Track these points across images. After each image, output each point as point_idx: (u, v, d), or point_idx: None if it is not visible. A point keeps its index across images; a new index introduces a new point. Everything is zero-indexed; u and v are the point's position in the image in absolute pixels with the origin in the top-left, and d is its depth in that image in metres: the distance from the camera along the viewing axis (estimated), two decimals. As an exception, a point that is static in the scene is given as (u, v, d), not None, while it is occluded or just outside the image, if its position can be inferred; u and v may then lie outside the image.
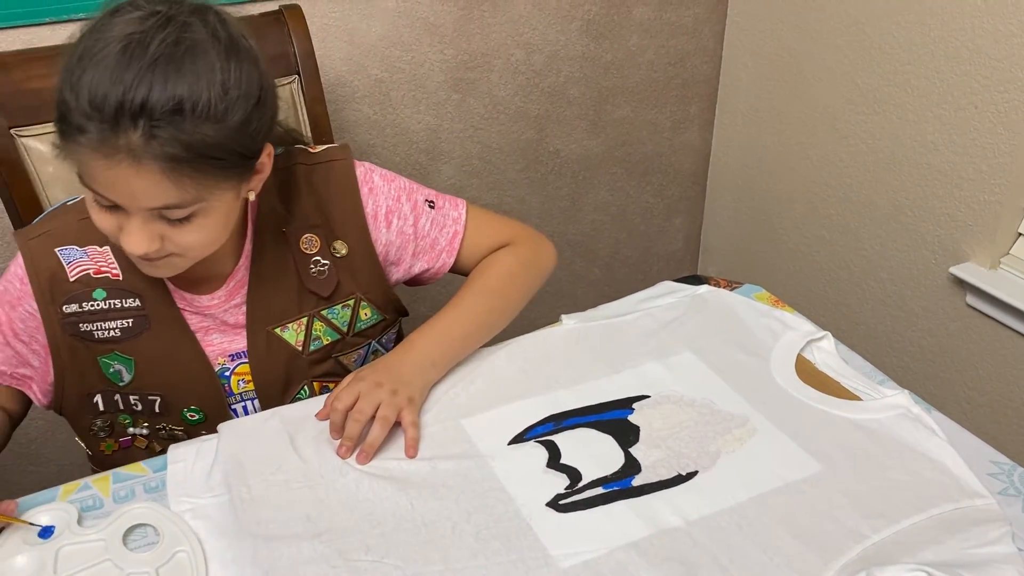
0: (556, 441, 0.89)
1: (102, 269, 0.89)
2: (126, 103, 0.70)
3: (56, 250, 0.88)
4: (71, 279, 0.88)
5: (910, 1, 1.45)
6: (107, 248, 0.89)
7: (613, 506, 0.81)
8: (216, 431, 0.90)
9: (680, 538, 0.77)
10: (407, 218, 1.00)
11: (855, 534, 0.77)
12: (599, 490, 0.82)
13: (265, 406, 0.96)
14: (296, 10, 1.25)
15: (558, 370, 0.99)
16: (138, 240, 0.77)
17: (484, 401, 0.94)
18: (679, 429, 0.90)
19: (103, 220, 0.79)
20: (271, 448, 0.87)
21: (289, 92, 1.24)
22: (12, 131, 1.07)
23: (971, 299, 1.49)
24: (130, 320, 0.89)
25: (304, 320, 0.96)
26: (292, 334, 0.96)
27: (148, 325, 0.90)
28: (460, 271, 1.06)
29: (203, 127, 0.73)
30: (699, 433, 0.90)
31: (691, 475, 0.84)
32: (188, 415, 0.95)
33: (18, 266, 0.89)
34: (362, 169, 0.98)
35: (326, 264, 0.96)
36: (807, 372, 0.99)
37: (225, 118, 0.74)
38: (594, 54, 1.75)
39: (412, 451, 0.86)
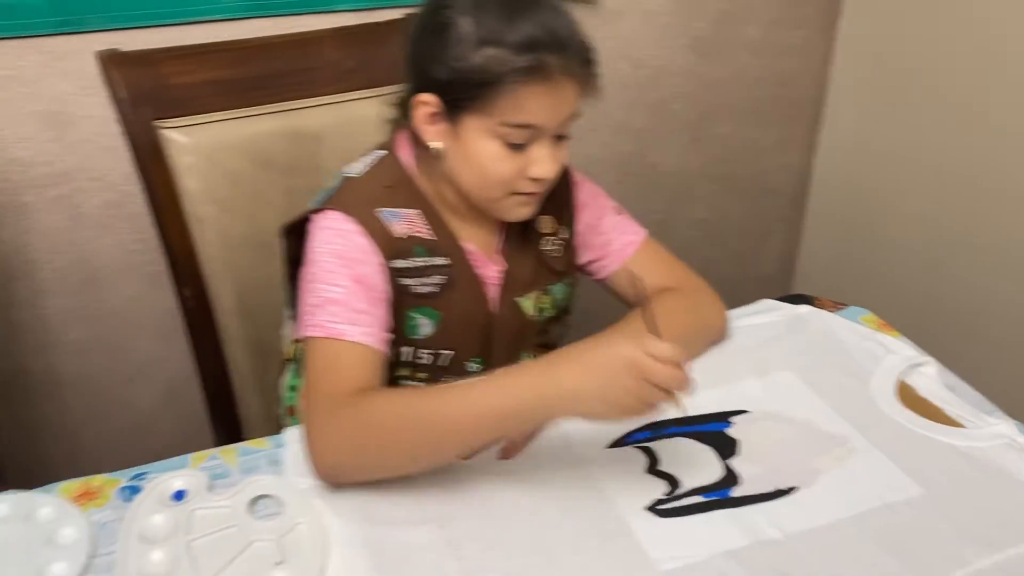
0: (654, 448, 0.91)
1: (420, 229, 0.96)
2: (560, 33, 0.85)
3: (375, 211, 0.94)
4: (395, 236, 0.94)
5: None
6: (418, 211, 0.96)
7: (712, 514, 0.83)
8: None
9: (779, 550, 0.79)
10: (597, 211, 1.07)
11: (958, 558, 0.77)
12: (698, 498, 0.84)
13: (490, 368, 0.98)
14: (419, 19, 1.31)
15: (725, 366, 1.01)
16: (551, 162, 0.91)
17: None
18: (778, 445, 0.92)
19: (506, 166, 0.90)
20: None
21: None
22: (155, 122, 1.15)
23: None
24: (442, 277, 0.96)
25: (538, 293, 1.03)
26: (529, 304, 1.03)
27: (455, 283, 0.97)
28: (613, 290, 1.09)
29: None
30: (799, 450, 0.91)
31: (790, 490, 0.85)
32: (470, 367, 1.01)
33: (348, 230, 0.92)
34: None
35: (559, 243, 1.04)
36: (909, 397, 0.99)
37: None
38: (700, 71, 1.76)
39: None
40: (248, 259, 1.23)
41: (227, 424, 1.28)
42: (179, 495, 0.83)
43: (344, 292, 0.89)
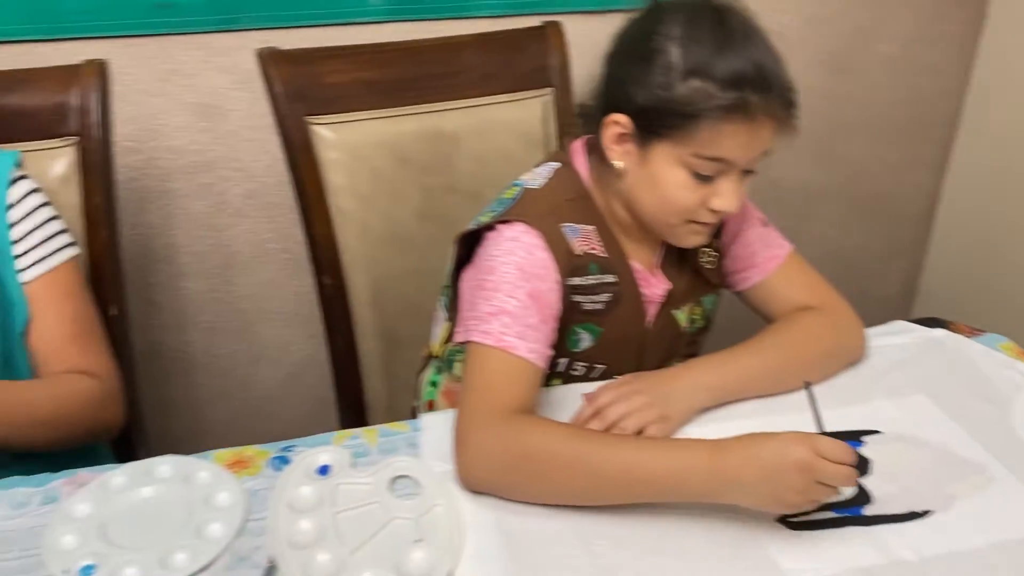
0: (784, 461, 0.91)
1: (594, 246, 0.98)
2: (767, 72, 0.86)
3: (560, 226, 0.96)
4: (576, 253, 0.96)
5: None
6: (593, 228, 0.98)
7: (844, 531, 0.82)
8: None
9: (913, 572, 0.77)
10: (745, 222, 1.07)
11: (1108, 598, 0.75)
12: (830, 513, 0.84)
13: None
14: (556, 26, 1.34)
15: (786, 396, 0.99)
16: (735, 197, 0.91)
17: (715, 415, 0.97)
18: (912, 468, 0.90)
19: (690, 195, 0.91)
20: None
21: (542, 104, 1.33)
22: (306, 118, 1.21)
23: None
24: (609, 295, 0.99)
25: (691, 304, 1.05)
26: (683, 316, 1.05)
27: (619, 300, 0.99)
28: (753, 303, 1.09)
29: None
30: (934, 474, 0.89)
31: (925, 513, 0.84)
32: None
33: (531, 243, 0.93)
34: None
35: (714, 255, 1.06)
36: (1053, 430, 0.95)
37: None
38: (831, 87, 1.74)
39: None
40: (384, 252, 1.28)
41: (353, 408, 1.33)
42: (324, 469, 0.88)
43: (519, 306, 0.90)
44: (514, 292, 0.91)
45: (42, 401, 0.97)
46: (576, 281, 0.96)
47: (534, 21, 1.42)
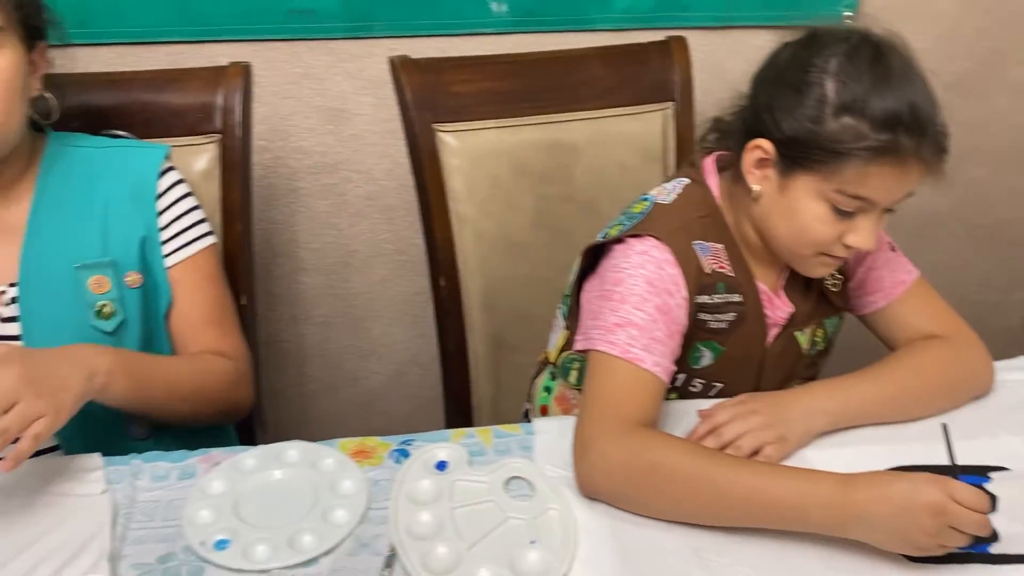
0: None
1: (723, 265, 0.99)
2: (923, 115, 0.85)
3: (692, 243, 0.97)
4: (706, 271, 0.97)
5: None
6: (722, 246, 0.99)
7: (968, 567, 0.80)
8: None
9: (1041, 615, 0.75)
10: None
11: None
12: (955, 549, 0.82)
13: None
14: (681, 41, 1.35)
15: (910, 424, 0.98)
16: (872, 236, 0.91)
17: (832, 439, 0.96)
18: (1042, 507, 0.87)
19: (827, 229, 0.90)
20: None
21: (662, 118, 1.33)
22: (434, 126, 1.25)
23: None
24: (734, 314, 0.99)
25: (814, 327, 1.05)
26: (804, 338, 1.05)
27: (743, 320, 1.00)
28: (876, 328, 1.07)
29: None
30: (1064, 515, 0.86)
31: (1054, 555, 0.81)
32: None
33: (662, 259, 0.94)
34: None
35: (840, 277, 1.05)
36: None
37: None
38: (956, 110, 1.67)
39: None
40: (498, 258, 1.31)
41: (460, 407, 1.36)
42: (442, 465, 0.91)
43: (647, 319, 0.91)
44: (642, 305, 0.91)
45: (184, 376, 1.03)
46: (703, 299, 0.97)
47: (654, 35, 1.43)
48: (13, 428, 0.79)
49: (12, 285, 1.00)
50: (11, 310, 1.00)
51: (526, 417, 1.19)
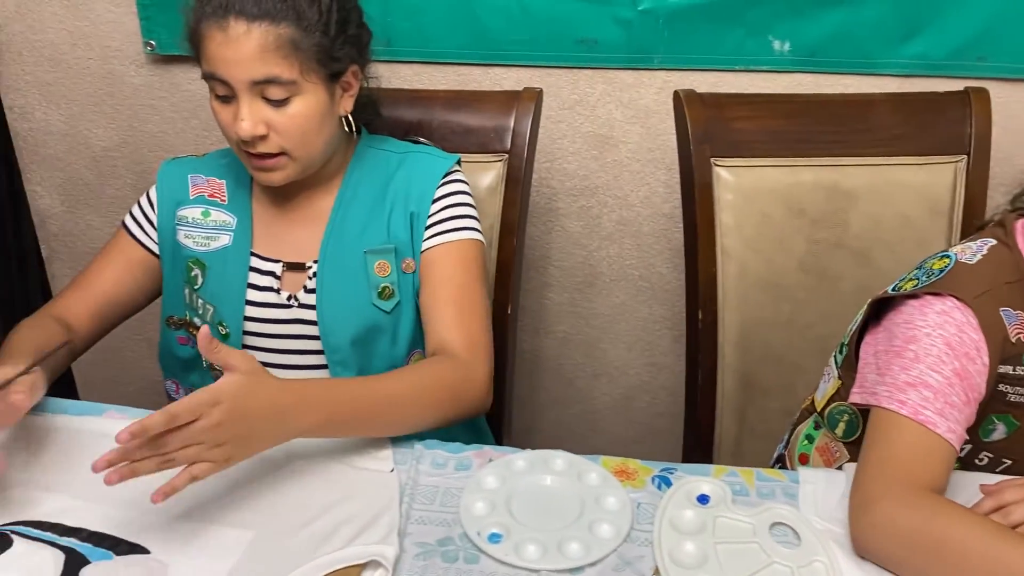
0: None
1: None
2: None
3: (999, 310, 0.92)
4: (1011, 340, 0.92)
5: None
6: None
7: None
8: None
9: None
10: None
11: None
12: None
13: None
14: (982, 94, 1.28)
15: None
16: None
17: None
18: None
19: None
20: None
21: (954, 171, 1.27)
22: (712, 159, 1.27)
23: None
24: None
25: None
26: None
27: None
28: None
29: None
30: None
31: None
32: None
33: (964, 322, 0.90)
34: None
35: None
36: None
37: None
38: None
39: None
40: (759, 297, 1.30)
41: (700, 442, 1.36)
42: (703, 498, 0.91)
43: (943, 382, 0.88)
44: (939, 367, 0.88)
45: (404, 393, 1.00)
46: (1006, 369, 0.91)
47: (946, 83, 1.37)
48: (179, 460, 0.82)
49: (315, 262, 1.13)
50: (313, 283, 1.12)
51: (779, 462, 1.17)
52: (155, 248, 1.17)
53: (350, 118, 1.13)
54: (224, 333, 1.13)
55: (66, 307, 1.12)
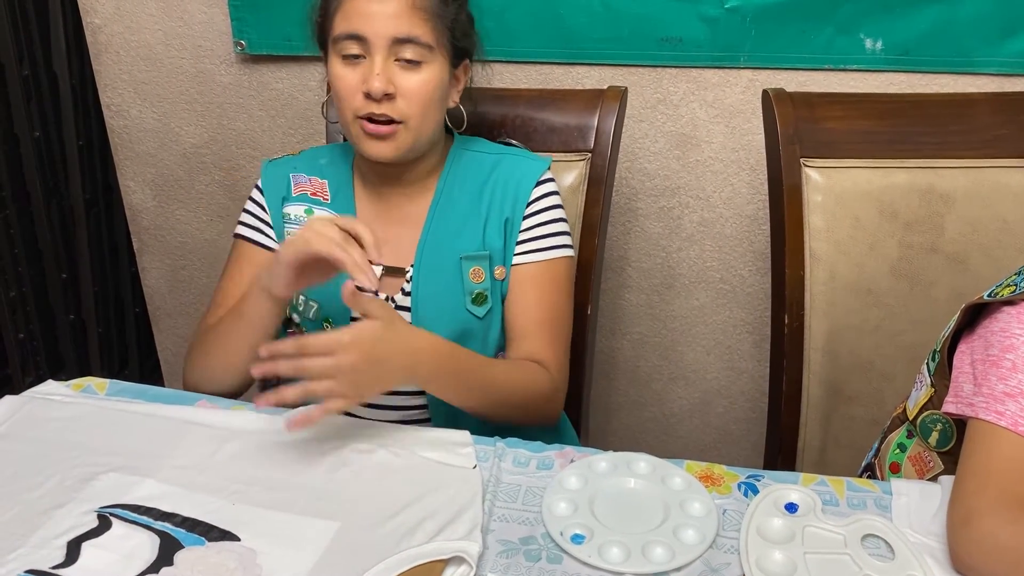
0: None
1: None
2: None
3: None
4: None
5: None
6: None
7: None
8: None
9: None
10: None
11: None
12: None
13: None
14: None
15: None
16: None
17: None
18: None
19: None
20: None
21: (1059, 173, 1.22)
22: (802, 160, 1.23)
23: None
24: None
25: None
26: None
27: None
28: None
29: None
30: None
31: None
32: None
33: None
34: None
35: None
36: None
37: None
38: None
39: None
40: (848, 302, 1.26)
41: (783, 448, 1.33)
42: (791, 507, 0.89)
43: None
44: None
45: (504, 382, 1.08)
46: None
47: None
48: (316, 391, 0.91)
49: (411, 267, 1.14)
50: (410, 287, 1.13)
51: (867, 471, 1.13)
52: (276, 247, 1.18)
53: (462, 108, 1.16)
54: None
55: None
